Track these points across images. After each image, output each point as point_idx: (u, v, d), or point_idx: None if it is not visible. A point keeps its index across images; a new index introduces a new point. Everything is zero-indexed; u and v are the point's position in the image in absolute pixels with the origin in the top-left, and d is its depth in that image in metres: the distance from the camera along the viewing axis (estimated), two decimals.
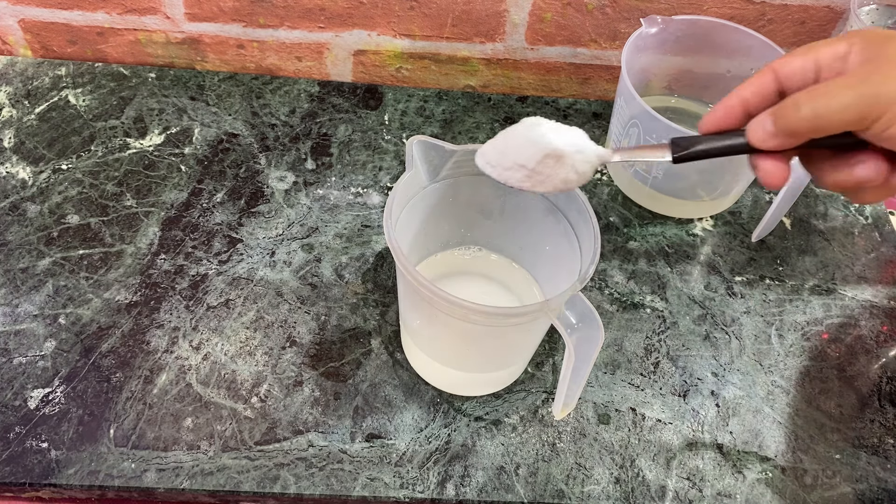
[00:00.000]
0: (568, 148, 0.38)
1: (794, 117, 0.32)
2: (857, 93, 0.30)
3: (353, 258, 0.59)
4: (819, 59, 0.33)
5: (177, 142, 0.66)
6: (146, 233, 0.59)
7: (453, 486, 0.48)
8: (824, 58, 0.33)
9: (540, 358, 0.55)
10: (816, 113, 0.31)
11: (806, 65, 0.33)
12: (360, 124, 0.69)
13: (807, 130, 0.32)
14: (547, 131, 0.38)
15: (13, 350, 0.51)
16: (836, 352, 0.58)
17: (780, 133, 0.33)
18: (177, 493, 0.46)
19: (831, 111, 0.31)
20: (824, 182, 0.35)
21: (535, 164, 0.38)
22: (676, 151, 0.37)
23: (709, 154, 0.36)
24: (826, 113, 0.31)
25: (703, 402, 0.54)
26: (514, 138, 0.39)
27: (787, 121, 0.32)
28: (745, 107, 0.35)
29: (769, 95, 0.35)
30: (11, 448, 0.47)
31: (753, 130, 0.34)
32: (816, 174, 0.35)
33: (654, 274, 0.61)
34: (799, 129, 0.32)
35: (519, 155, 0.38)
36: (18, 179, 0.61)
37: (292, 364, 0.52)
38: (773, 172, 0.34)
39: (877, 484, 0.51)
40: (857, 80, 0.31)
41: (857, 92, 0.30)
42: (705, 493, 0.49)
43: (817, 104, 0.31)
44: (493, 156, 0.40)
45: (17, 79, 0.69)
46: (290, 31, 0.71)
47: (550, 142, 0.38)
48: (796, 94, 0.32)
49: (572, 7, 0.69)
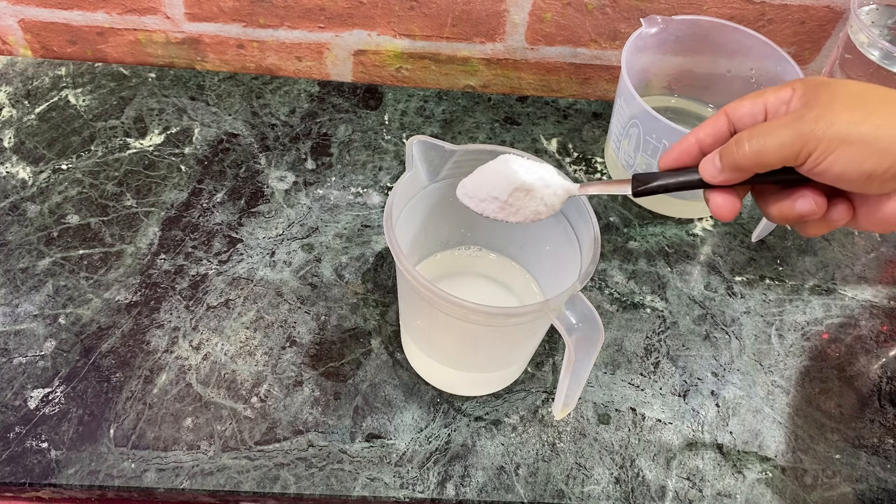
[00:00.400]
0: (536, 183, 0.42)
1: (738, 154, 0.35)
2: (791, 131, 0.33)
3: (353, 258, 0.59)
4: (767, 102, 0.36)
5: (177, 142, 0.66)
6: (146, 233, 0.59)
7: (453, 486, 0.48)
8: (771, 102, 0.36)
9: (540, 358, 0.55)
10: (756, 150, 0.34)
11: (755, 108, 0.37)
12: (360, 124, 0.69)
13: (750, 165, 0.35)
14: (518, 168, 0.42)
15: (13, 350, 0.51)
16: (836, 352, 0.58)
17: (726, 169, 0.36)
18: (177, 493, 0.46)
19: (769, 148, 0.34)
20: (770, 214, 0.38)
21: (506, 196, 0.42)
22: (637, 186, 0.40)
23: (667, 189, 0.39)
24: (765, 150, 0.34)
25: (703, 402, 0.54)
26: (489, 173, 0.43)
27: (733, 157, 0.36)
28: (700, 146, 0.38)
29: (722, 136, 0.38)
30: (11, 448, 0.47)
31: (704, 167, 0.37)
32: (763, 207, 0.38)
33: (654, 274, 0.61)
34: (743, 165, 0.35)
35: (493, 188, 0.42)
36: (18, 179, 0.61)
37: (292, 364, 0.52)
38: (723, 206, 0.37)
39: (877, 484, 0.51)
40: (792, 120, 0.34)
41: (792, 130, 0.33)
42: (705, 493, 0.49)
43: (757, 142, 0.34)
44: (470, 188, 0.44)
45: (17, 79, 0.69)
46: (290, 31, 0.71)
47: (520, 177, 0.41)
48: (740, 134, 0.36)
49: (572, 7, 0.69)
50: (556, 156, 0.69)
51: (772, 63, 0.62)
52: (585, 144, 0.70)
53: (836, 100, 0.34)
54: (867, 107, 0.33)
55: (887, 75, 0.59)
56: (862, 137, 0.32)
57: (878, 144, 0.32)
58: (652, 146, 0.58)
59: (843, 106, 0.33)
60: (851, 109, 0.33)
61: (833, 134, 0.33)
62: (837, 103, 0.33)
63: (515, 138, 0.70)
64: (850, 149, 0.32)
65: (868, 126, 0.32)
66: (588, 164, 0.68)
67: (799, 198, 0.36)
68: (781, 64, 0.61)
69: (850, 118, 0.32)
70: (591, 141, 0.71)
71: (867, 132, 0.32)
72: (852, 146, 0.32)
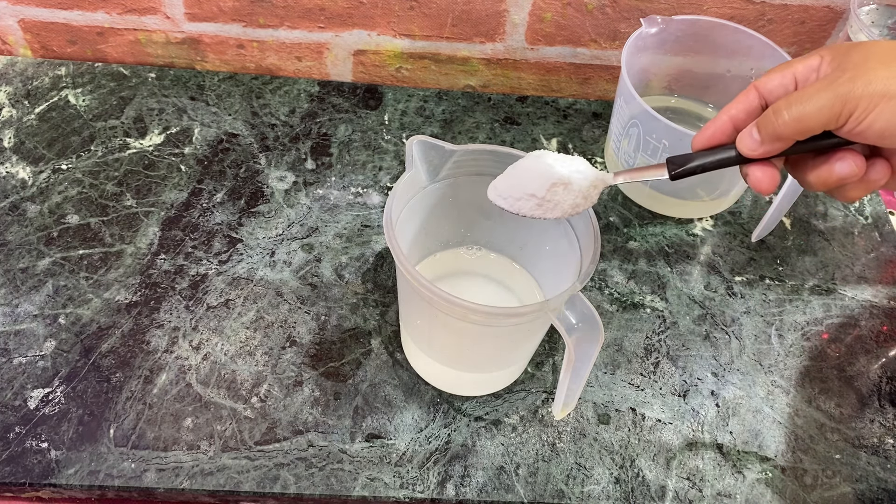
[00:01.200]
0: (574, 175, 0.41)
1: (777, 123, 0.35)
2: (829, 93, 0.33)
3: (353, 258, 0.59)
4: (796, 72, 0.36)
5: (177, 142, 0.66)
6: (146, 233, 0.59)
7: (453, 486, 0.48)
8: (800, 71, 0.36)
9: (540, 358, 0.55)
10: (796, 116, 0.34)
11: (785, 80, 0.37)
12: (360, 124, 0.69)
13: (791, 133, 0.35)
14: (553, 162, 0.41)
15: (13, 350, 0.51)
16: (836, 352, 0.58)
17: (766, 140, 0.36)
18: (177, 493, 0.46)
19: (809, 113, 0.34)
20: (809, 182, 0.38)
21: (545, 192, 0.41)
22: (673, 169, 0.39)
23: (704, 168, 0.39)
24: (805, 115, 0.34)
25: (703, 402, 0.54)
26: (524, 171, 0.42)
27: (772, 127, 0.35)
28: (733, 123, 0.38)
29: (754, 110, 0.38)
30: (11, 448, 0.47)
31: (742, 141, 0.37)
32: (801, 177, 0.38)
33: (654, 274, 0.61)
34: (783, 134, 0.35)
35: (529, 185, 0.42)
36: (18, 179, 0.61)
37: (292, 364, 0.52)
38: (763, 179, 0.37)
39: (877, 484, 0.51)
40: (828, 83, 0.34)
41: (830, 93, 0.33)
42: (705, 493, 0.49)
43: (797, 108, 0.34)
44: (504, 188, 0.43)
45: (17, 79, 0.69)
46: (290, 31, 0.71)
47: (557, 171, 0.41)
48: (776, 103, 0.36)
49: (572, 7, 0.69)
50: None
51: (772, 63, 0.62)
52: (585, 144, 0.70)
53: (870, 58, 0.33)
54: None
55: None
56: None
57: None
58: (652, 146, 0.58)
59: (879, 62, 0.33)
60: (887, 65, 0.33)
61: (872, 91, 0.32)
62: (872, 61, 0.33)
63: (515, 138, 0.70)
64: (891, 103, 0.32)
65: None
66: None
67: (837, 161, 0.36)
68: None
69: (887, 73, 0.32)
70: (591, 141, 0.71)
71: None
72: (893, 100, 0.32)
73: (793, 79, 0.37)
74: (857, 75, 0.33)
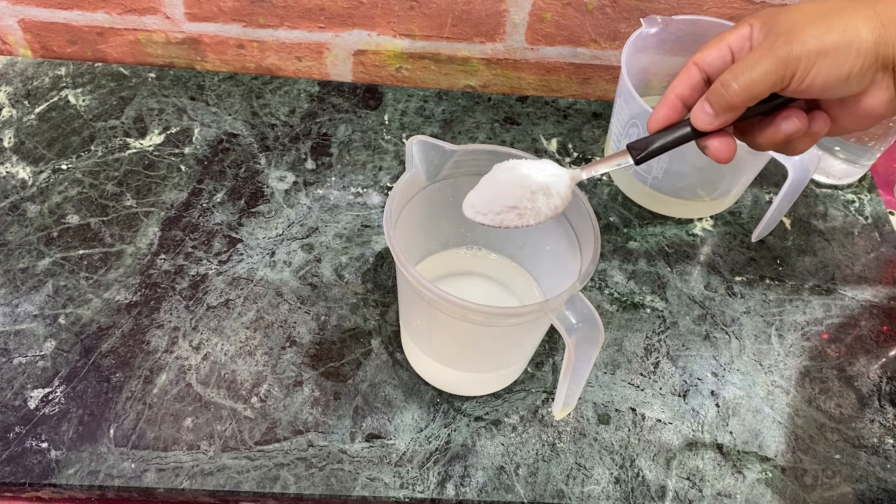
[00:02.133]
0: (552, 179, 0.42)
1: (728, 94, 0.37)
2: (771, 58, 0.36)
3: (353, 258, 0.59)
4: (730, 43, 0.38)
5: (177, 142, 0.66)
6: (146, 233, 0.59)
7: (453, 486, 0.48)
8: (734, 42, 0.38)
9: (540, 358, 0.55)
10: (745, 85, 0.36)
11: (721, 52, 0.39)
12: (360, 124, 0.69)
13: (742, 101, 0.37)
14: (528, 171, 0.42)
15: (13, 350, 0.51)
16: (836, 352, 0.58)
17: (719, 112, 0.38)
18: (177, 493, 0.46)
19: (756, 79, 0.36)
20: (758, 143, 0.40)
21: (526, 202, 0.42)
22: (636, 154, 0.41)
23: (665, 148, 0.40)
24: (753, 82, 0.36)
25: (703, 402, 0.54)
26: (500, 184, 0.42)
27: (723, 99, 0.37)
28: (682, 100, 0.40)
29: (698, 85, 0.40)
30: (11, 448, 0.47)
31: (697, 117, 0.39)
32: (751, 140, 0.41)
33: (654, 274, 0.61)
34: (735, 103, 0.37)
35: (508, 198, 0.42)
36: (18, 179, 0.61)
37: (292, 364, 0.52)
38: (721, 148, 0.39)
39: (877, 484, 0.51)
40: (768, 49, 0.36)
41: (772, 57, 0.36)
42: (705, 493, 0.49)
43: (744, 77, 0.36)
44: (481, 204, 0.43)
45: (17, 79, 0.69)
46: (290, 31, 0.71)
47: (535, 179, 0.42)
48: (723, 76, 0.37)
49: (572, 7, 0.69)
50: (556, 156, 0.69)
51: None
52: (585, 144, 0.70)
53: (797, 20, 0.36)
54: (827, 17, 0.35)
55: None
56: (835, 45, 0.35)
57: (851, 46, 0.35)
58: None
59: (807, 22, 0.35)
60: (815, 23, 0.35)
61: (809, 49, 0.35)
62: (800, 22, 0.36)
63: (515, 138, 0.70)
64: (827, 58, 0.35)
65: (836, 34, 0.35)
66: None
67: (783, 120, 0.39)
68: None
69: (817, 32, 0.35)
70: (591, 141, 0.71)
71: (838, 39, 0.35)
72: (829, 55, 0.35)
73: (728, 50, 0.39)
74: (791, 38, 0.35)
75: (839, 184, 0.70)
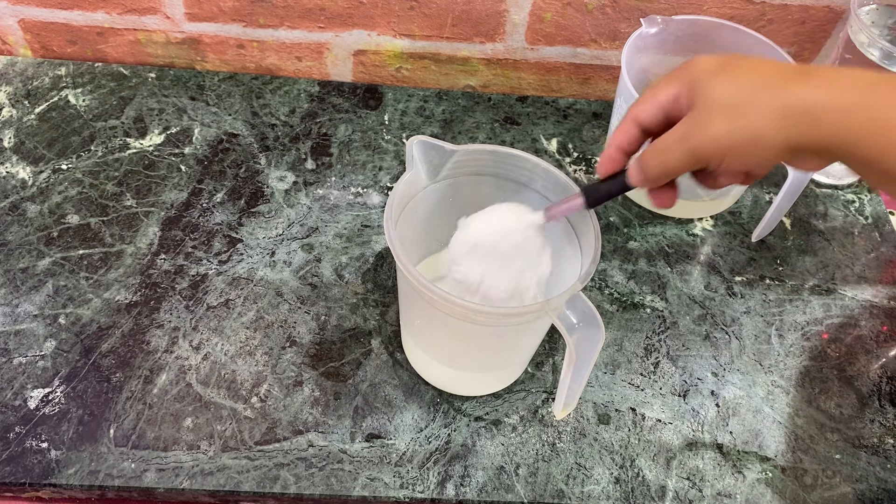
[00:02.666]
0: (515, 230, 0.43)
1: (649, 170, 0.39)
2: (684, 148, 0.37)
3: (353, 258, 0.59)
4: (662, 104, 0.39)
5: (177, 142, 0.66)
6: (146, 233, 0.59)
7: (453, 486, 0.48)
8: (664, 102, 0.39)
9: (540, 358, 0.55)
10: (661, 168, 0.38)
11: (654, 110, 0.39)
12: (360, 124, 0.69)
13: (662, 178, 0.39)
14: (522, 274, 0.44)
15: (13, 350, 0.51)
16: (836, 352, 0.58)
17: (647, 179, 0.39)
18: (177, 493, 0.46)
19: (671, 164, 0.37)
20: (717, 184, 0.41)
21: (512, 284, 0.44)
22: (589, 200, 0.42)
23: (612, 194, 0.42)
24: (668, 167, 0.38)
25: (703, 402, 0.54)
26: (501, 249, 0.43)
27: (647, 171, 0.39)
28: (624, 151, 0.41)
29: (638, 137, 0.41)
30: (11, 448, 0.47)
31: (631, 176, 0.40)
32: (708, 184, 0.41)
33: (654, 274, 0.61)
34: (657, 178, 0.39)
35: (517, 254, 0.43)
36: (18, 179, 0.61)
37: (292, 364, 0.52)
38: (660, 197, 0.41)
39: (877, 484, 0.51)
40: (682, 135, 0.37)
41: (685, 147, 0.37)
42: (705, 493, 0.49)
43: (660, 160, 0.38)
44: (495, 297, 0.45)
45: (17, 79, 0.69)
46: (290, 31, 0.71)
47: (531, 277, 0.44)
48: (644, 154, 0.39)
49: (572, 7, 0.69)
50: (556, 156, 0.69)
51: None
52: (585, 144, 0.70)
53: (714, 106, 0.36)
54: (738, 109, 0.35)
55: None
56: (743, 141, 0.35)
57: (760, 143, 0.35)
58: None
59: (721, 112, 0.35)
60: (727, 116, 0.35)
61: (719, 145, 0.36)
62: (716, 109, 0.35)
63: (515, 138, 0.70)
64: (737, 152, 0.36)
65: (743, 131, 0.35)
66: (588, 164, 0.68)
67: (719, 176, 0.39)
68: None
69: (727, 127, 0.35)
70: (591, 141, 0.71)
71: (745, 136, 0.35)
72: (738, 150, 0.35)
73: (661, 110, 0.39)
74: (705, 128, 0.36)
75: (839, 184, 0.70)
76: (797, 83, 0.34)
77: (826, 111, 0.33)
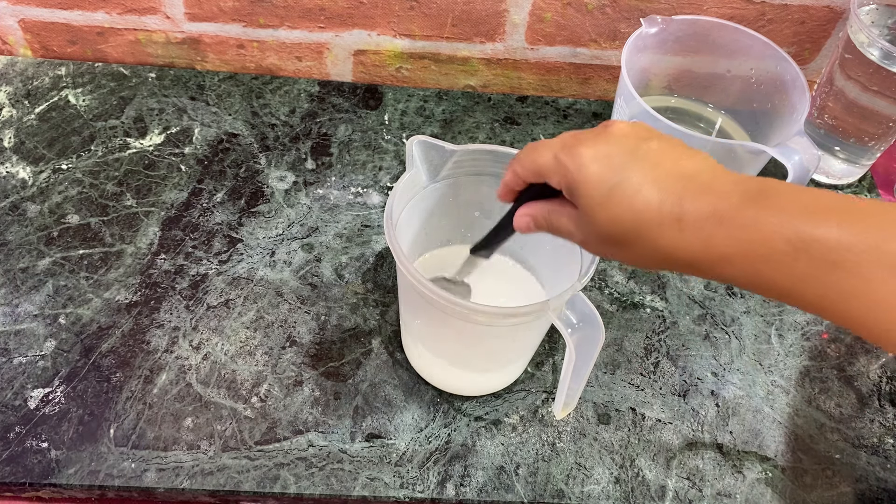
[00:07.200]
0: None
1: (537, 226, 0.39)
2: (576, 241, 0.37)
3: (353, 258, 0.59)
4: (539, 171, 0.37)
5: (177, 142, 0.66)
6: (146, 233, 0.59)
7: (453, 486, 0.48)
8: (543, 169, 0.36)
9: (540, 358, 0.55)
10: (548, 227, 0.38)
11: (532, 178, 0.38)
12: (360, 124, 0.69)
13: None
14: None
15: (13, 350, 0.51)
16: (836, 352, 0.58)
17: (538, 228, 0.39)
18: (177, 492, 0.46)
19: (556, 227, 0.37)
20: None
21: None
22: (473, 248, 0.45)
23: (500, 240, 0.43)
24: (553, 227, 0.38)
25: (702, 402, 0.54)
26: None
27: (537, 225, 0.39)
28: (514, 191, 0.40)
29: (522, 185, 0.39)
30: (11, 448, 0.47)
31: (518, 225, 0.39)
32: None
33: (654, 274, 0.61)
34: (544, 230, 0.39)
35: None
36: (18, 179, 0.61)
37: (292, 364, 0.52)
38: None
39: (877, 484, 0.51)
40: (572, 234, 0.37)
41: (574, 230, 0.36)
42: (705, 492, 0.49)
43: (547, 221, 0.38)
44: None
45: (17, 79, 0.69)
46: (290, 31, 0.71)
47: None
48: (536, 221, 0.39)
49: (572, 7, 0.69)
50: None
51: (772, 63, 0.62)
52: None
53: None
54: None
55: (887, 75, 0.59)
56: (623, 260, 0.35)
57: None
58: None
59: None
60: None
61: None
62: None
63: (515, 138, 0.70)
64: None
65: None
66: None
67: None
68: (781, 64, 0.61)
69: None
70: None
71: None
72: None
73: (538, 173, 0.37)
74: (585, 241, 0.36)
75: (839, 183, 0.70)
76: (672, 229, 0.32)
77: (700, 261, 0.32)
